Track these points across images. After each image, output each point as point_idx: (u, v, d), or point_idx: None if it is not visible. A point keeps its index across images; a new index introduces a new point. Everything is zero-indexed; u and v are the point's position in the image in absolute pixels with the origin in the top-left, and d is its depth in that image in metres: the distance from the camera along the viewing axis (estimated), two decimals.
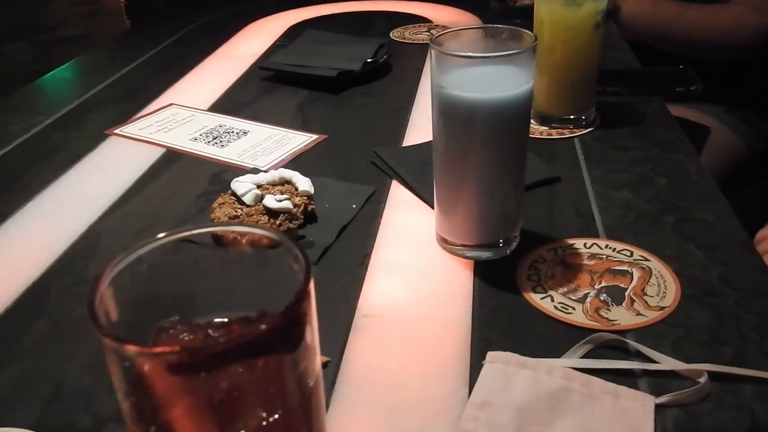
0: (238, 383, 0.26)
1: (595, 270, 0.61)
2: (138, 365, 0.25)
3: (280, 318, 0.25)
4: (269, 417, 0.27)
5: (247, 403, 0.27)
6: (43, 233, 0.72)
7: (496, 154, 0.58)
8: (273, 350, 0.26)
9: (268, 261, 0.32)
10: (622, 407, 0.47)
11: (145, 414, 0.27)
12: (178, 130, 0.97)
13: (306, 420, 0.29)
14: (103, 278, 0.28)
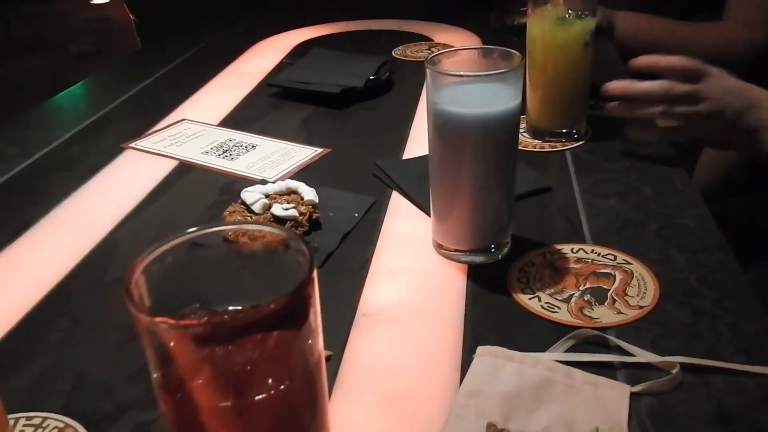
0: (251, 356, 0.31)
1: (580, 273, 0.66)
2: (167, 339, 0.30)
3: (288, 298, 0.30)
4: (278, 387, 0.32)
5: (259, 374, 0.31)
6: (65, 239, 0.77)
7: (487, 165, 0.63)
8: (282, 326, 0.30)
9: (276, 257, 0.37)
10: (601, 396, 0.51)
11: (172, 383, 0.31)
12: (191, 144, 1.02)
13: (309, 392, 0.34)
14: (137, 267, 0.32)
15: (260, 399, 0.31)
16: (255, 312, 0.28)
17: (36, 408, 0.53)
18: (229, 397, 0.31)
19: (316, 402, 0.35)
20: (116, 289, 0.66)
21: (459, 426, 0.49)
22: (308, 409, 0.34)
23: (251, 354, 0.31)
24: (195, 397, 0.31)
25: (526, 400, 0.51)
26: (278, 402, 0.32)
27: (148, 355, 0.31)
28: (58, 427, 0.50)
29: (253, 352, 0.31)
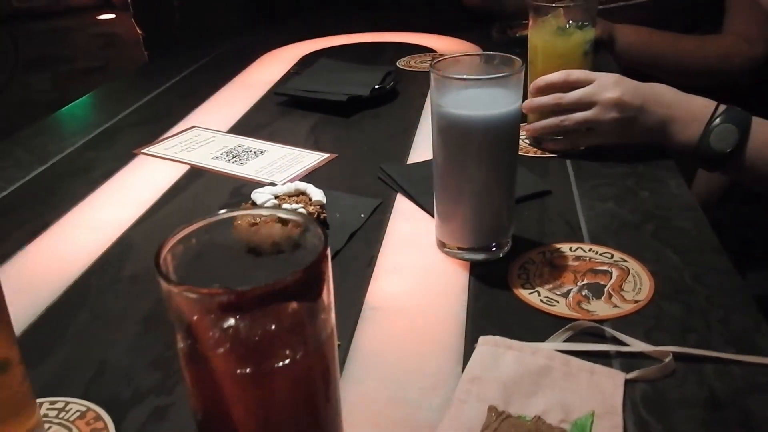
0: (270, 326, 0.33)
1: (578, 270, 0.68)
2: (194, 309, 0.32)
3: (305, 272, 0.32)
4: (294, 356, 0.34)
5: (277, 344, 0.34)
6: (82, 239, 0.80)
7: (488, 165, 0.66)
8: (299, 298, 0.33)
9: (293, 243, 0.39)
10: (597, 382, 0.54)
11: (196, 353, 0.34)
12: (201, 149, 1.05)
13: (322, 363, 0.36)
14: (166, 245, 0.35)
15: (277, 367, 0.34)
16: (275, 283, 0.31)
17: (58, 394, 0.55)
18: (248, 365, 0.34)
19: (328, 374, 0.37)
20: (133, 284, 0.70)
21: (462, 410, 0.51)
22: (321, 380, 0.37)
23: (270, 324, 0.33)
24: (217, 365, 0.34)
25: (525, 385, 0.53)
26: (294, 371, 0.35)
27: (175, 326, 0.34)
28: (80, 411, 0.53)
29: (272, 322, 0.33)
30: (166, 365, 0.58)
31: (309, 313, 0.35)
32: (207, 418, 0.37)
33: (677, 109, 0.87)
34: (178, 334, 0.34)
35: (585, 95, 0.88)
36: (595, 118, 0.88)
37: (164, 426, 0.52)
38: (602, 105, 0.87)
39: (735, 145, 0.83)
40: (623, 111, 0.87)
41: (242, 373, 0.34)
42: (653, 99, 0.87)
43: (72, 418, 0.52)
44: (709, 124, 0.85)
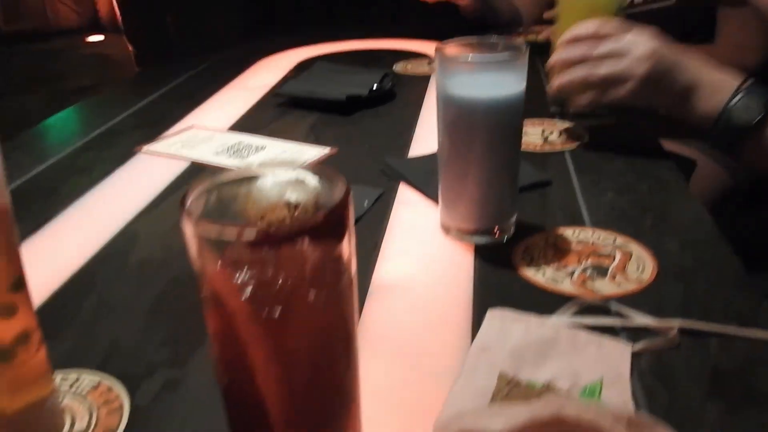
0: (293, 270, 0.34)
1: (582, 252, 0.69)
2: (221, 247, 0.33)
3: (330, 212, 0.33)
4: (316, 301, 0.35)
5: (301, 284, 0.35)
6: (86, 230, 0.80)
7: (492, 147, 0.67)
8: (324, 237, 0.34)
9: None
10: (604, 353, 0.54)
11: (221, 297, 0.35)
12: (202, 147, 1.05)
13: (342, 309, 0.37)
14: (190, 194, 0.36)
15: (300, 311, 0.35)
16: (302, 221, 0.32)
17: (71, 368, 0.55)
18: (272, 308, 0.34)
19: (348, 322, 0.38)
20: (140, 270, 0.70)
21: (472, 377, 0.52)
22: (341, 328, 0.38)
23: (294, 266, 0.34)
24: (240, 308, 0.34)
25: (533, 354, 0.54)
26: (316, 316, 0.35)
27: (200, 269, 0.35)
28: (93, 383, 0.53)
29: (296, 264, 0.34)
30: (177, 342, 0.59)
31: (332, 258, 0.35)
32: (229, 367, 0.38)
33: (706, 75, 0.84)
34: (202, 278, 0.35)
35: (618, 46, 0.83)
36: (628, 69, 0.83)
37: (177, 396, 0.52)
38: (636, 57, 0.83)
39: (758, 119, 0.79)
40: (658, 64, 0.83)
41: (265, 317, 0.34)
42: (686, 59, 0.84)
43: (85, 390, 0.52)
44: (734, 95, 0.81)
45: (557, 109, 1.11)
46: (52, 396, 0.48)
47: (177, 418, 0.50)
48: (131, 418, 0.50)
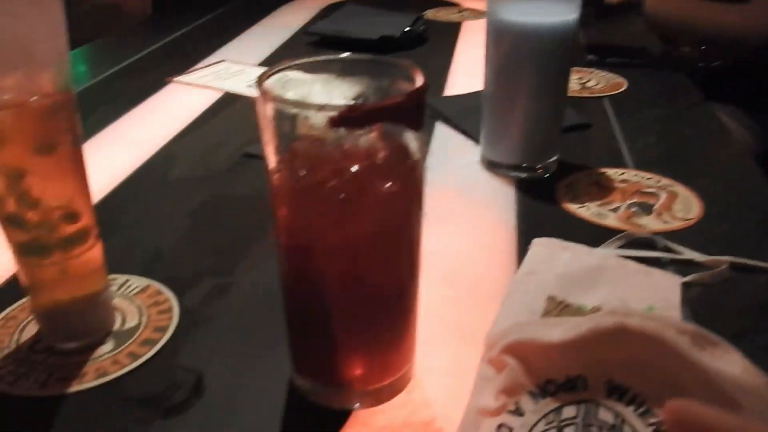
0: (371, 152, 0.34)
1: (626, 190, 0.69)
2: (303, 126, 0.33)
3: (411, 94, 0.33)
4: (391, 185, 0.35)
5: (375, 171, 0.34)
6: (121, 152, 0.79)
7: (541, 76, 0.66)
8: (404, 119, 0.33)
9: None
10: (652, 282, 0.54)
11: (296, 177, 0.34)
12: (234, 79, 1.04)
13: (412, 200, 0.37)
14: (265, 76, 0.35)
15: (372, 197, 0.34)
16: (384, 101, 0.31)
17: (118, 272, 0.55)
18: (345, 192, 0.34)
19: (414, 221, 0.38)
20: (180, 186, 0.70)
21: (520, 298, 0.51)
22: (409, 225, 0.37)
23: (372, 148, 0.33)
24: (313, 191, 0.34)
25: (582, 280, 0.53)
26: (387, 204, 0.35)
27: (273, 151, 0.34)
28: (140, 287, 0.53)
29: (373, 146, 0.33)
30: (222, 251, 0.59)
31: (405, 149, 0.35)
32: (294, 259, 0.38)
33: None
34: (276, 159, 0.34)
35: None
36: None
37: (225, 300, 0.52)
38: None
39: None
40: None
41: (336, 204, 0.34)
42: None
43: (133, 293, 0.52)
44: None
45: (594, 57, 1.09)
46: (105, 292, 0.48)
47: (225, 320, 0.50)
48: (181, 318, 0.50)
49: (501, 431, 0.39)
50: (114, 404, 0.42)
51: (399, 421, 0.41)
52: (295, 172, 0.34)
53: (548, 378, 0.41)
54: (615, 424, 0.39)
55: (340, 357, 0.40)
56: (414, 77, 0.36)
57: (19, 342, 0.48)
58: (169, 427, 0.41)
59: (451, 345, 0.48)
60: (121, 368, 0.45)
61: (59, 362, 0.46)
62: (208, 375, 0.44)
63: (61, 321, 0.46)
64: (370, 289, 0.37)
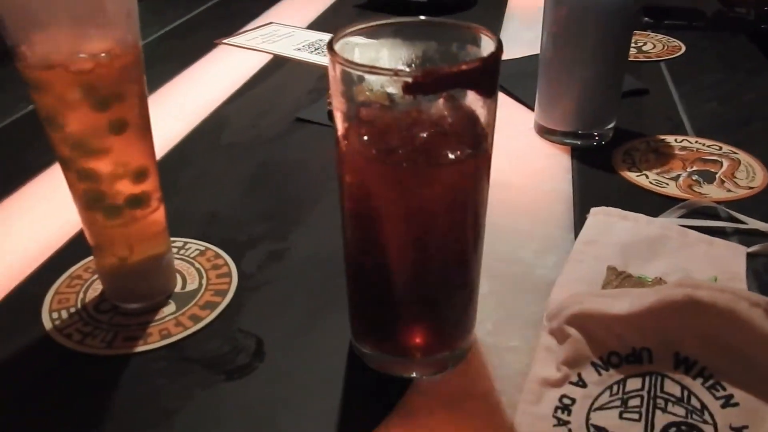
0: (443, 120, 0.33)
1: (686, 158, 0.67)
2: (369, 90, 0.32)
3: (486, 59, 0.32)
4: (460, 154, 0.34)
5: (445, 139, 0.34)
6: (173, 114, 0.80)
7: (602, 39, 0.64)
8: (477, 86, 0.32)
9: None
10: (716, 253, 0.53)
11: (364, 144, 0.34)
12: (282, 42, 1.04)
13: (478, 170, 0.36)
14: (335, 38, 0.34)
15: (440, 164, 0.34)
16: (458, 66, 0.30)
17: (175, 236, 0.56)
18: (416, 159, 0.34)
19: (480, 192, 0.37)
20: (232, 150, 0.70)
21: (579, 268, 0.51)
22: (474, 195, 0.37)
23: (443, 113, 0.33)
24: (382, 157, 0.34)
25: (642, 250, 0.52)
26: (454, 172, 0.34)
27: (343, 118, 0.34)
28: (199, 249, 0.54)
29: (445, 111, 0.33)
30: (276, 216, 0.59)
31: (482, 109, 0.34)
32: (359, 225, 0.37)
33: None
34: (345, 125, 0.34)
35: None
36: None
37: (282, 265, 0.52)
38: None
39: None
40: None
41: (404, 169, 0.33)
42: None
43: (192, 255, 0.53)
44: None
45: (650, 20, 1.06)
46: (167, 254, 0.48)
47: (283, 285, 0.50)
48: (240, 282, 0.50)
49: (563, 402, 0.39)
50: (178, 366, 0.43)
51: (459, 391, 0.41)
52: (363, 140, 0.34)
53: (612, 350, 0.40)
54: (682, 396, 0.38)
55: (401, 326, 0.40)
56: (483, 41, 0.35)
57: (84, 301, 0.49)
58: (232, 389, 0.41)
59: (511, 314, 0.47)
60: (184, 330, 0.45)
61: (124, 322, 0.47)
62: (267, 339, 0.45)
63: (125, 282, 0.47)
64: (434, 259, 0.37)
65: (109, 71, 0.39)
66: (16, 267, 0.53)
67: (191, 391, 0.41)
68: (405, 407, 0.40)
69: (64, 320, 0.47)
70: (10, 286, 0.51)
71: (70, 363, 0.44)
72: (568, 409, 0.38)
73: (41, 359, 0.44)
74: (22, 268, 0.53)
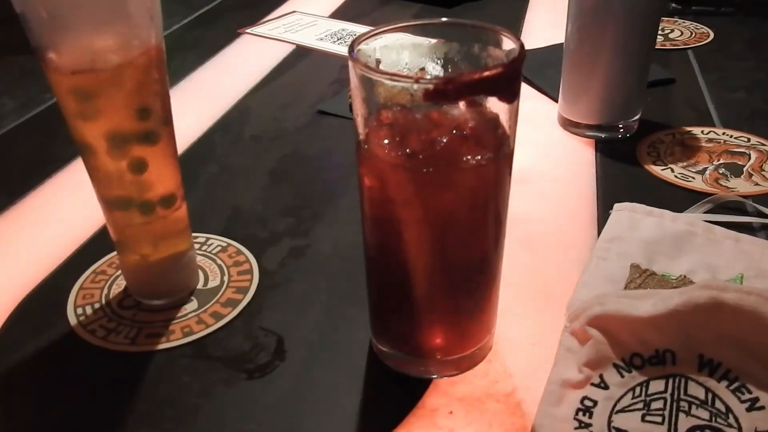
0: (467, 120, 0.33)
1: (713, 151, 0.66)
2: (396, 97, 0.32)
3: (506, 66, 0.31)
4: (480, 158, 0.34)
5: (466, 143, 0.33)
6: (198, 105, 0.80)
7: (629, 28, 0.63)
8: (499, 91, 0.32)
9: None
10: (743, 249, 0.52)
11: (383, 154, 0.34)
12: (305, 31, 1.04)
13: (499, 174, 0.36)
14: (355, 42, 0.34)
15: (460, 168, 0.33)
16: (482, 70, 0.30)
17: (197, 232, 0.56)
18: (436, 163, 0.33)
19: (500, 194, 0.37)
20: (255, 143, 0.70)
21: (602, 266, 0.50)
22: (494, 198, 0.36)
23: (464, 117, 0.33)
24: (402, 161, 0.33)
25: (667, 247, 0.52)
26: (474, 176, 0.34)
27: (363, 120, 0.33)
28: (221, 246, 0.54)
29: (466, 115, 0.32)
30: (298, 213, 0.59)
31: (504, 113, 0.34)
32: (379, 227, 0.37)
33: None
34: (366, 129, 0.34)
35: None
36: None
37: (303, 262, 0.53)
38: None
39: None
40: None
41: (424, 174, 0.33)
42: None
43: (214, 251, 0.53)
44: None
45: (677, 6, 1.04)
46: (190, 251, 0.49)
47: (304, 282, 0.50)
48: (261, 279, 0.50)
49: (585, 404, 0.38)
50: (200, 363, 0.43)
51: (479, 391, 0.41)
52: (383, 144, 0.33)
53: (635, 351, 0.40)
54: (706, 399, 0.38)
55: (420, 326, 0.40)
56: (505, 43, 0.34)
57: (108, 297, 0.49)
58: (253, 388, 0.42)
59: (531, 314, 0.47)
60: (206, 328, 0.46)
61: (147, 319, 0.47)
62: (288, 338, 0.45)
63: (148, 279, 0.48)
64: (455, 261, 0.37)
65: (133, 72, 0.39)
66: (44, 260, 0.54)
67: (213, 389, 0.42)
68: (424, 407, 0.40)
69: (88, 316, 0.47)
70: (38, 279, 0.52)
71: (94, 359, 0.44)
72: (590, 411, 0.38)
73: (66, 355, 0.45)
74: (49, 260, 0.54)
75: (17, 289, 0.51)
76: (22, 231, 0.58)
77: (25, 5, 0.36)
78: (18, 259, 0.54)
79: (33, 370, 0.44)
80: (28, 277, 0.52)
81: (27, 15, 0.37)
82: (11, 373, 0.44)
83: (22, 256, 0.55)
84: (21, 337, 0.46)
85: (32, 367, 0.44)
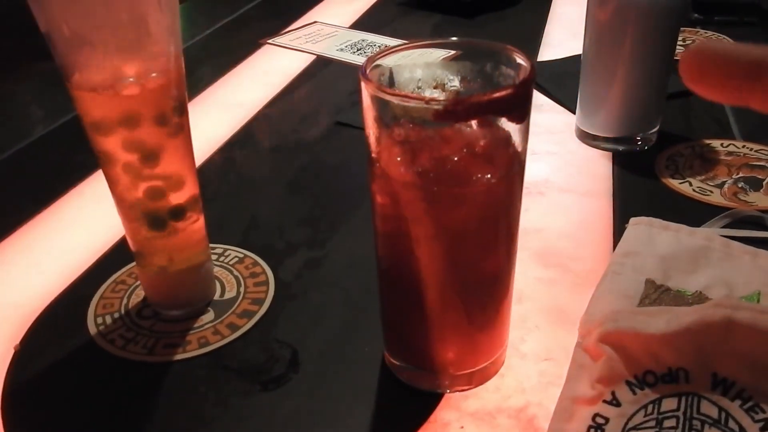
0: (477, 141, 0.33)
1: (732, 164, 0.65)
2: (405, 115, 0.32)
3: (516, 86, 0.32)
4: (491, 178, 0.34)
5: (477, 161, 0.34)
6: (219, 116, 0.81)
7: (649, 39, 0.63)
8: (508, 112, 0.32)
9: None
10: (761, 264, 0.51)
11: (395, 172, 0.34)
12: (325, 42, 1.04)
13: (510, 191, 0.36)
14: (368, 62, 0.35)
15: (471, 187, 0.34)
16: (492, 92, 0.30)
17: (215, 242, 0.57)
18: (447, 182, 0.34)
19: (512, 211, 0.37)
20: (275, 154, 0.71)
21: (617, 280, 0.50)
22: (506, 215, 0.36)
23: (475, 135, 0.33)
24: (413, 179, 0.34)
25: (683, 262, 0.51)
26: (485, 194, 0.34)
27: (375, 139, 0.34)
28: (238, 257, 0.55)
29: (477, 133, 0.33)
30: (315, 223, 0.59)
31: (514, 134, 0.34)
32: (391, 243, 0.38)
33: None
34: (378, 148, 0.34)
35: None
36: None
37: (319, 273, 0.53)
38: None
39: None
40: None
41: (435, 192, 0.34)
42: None
43: (231, 263, 0.54)
44: None
45: (699, 16, 1.03)
46: (207, 263, 0.49)
47: (319, 294, 0.51)
48: (277, 291, 0.51)
49: (596, 421, 0.38)
50: (215, 374, 0.44)
51: (491, 406, 0.41)
52: (395, 161, 0.34)
53: (648, 369, 0.40)
54: (719, 418, 0.37)
55: (432, 341, 0.40)
56: (516, 62, 0.34)
57: (127, 307, 0.50)
58: (268, 399, 0.42)
59: (544, 328, 0.47)
60: (222, 339, 0.46)
61: (164, 329, 0.48)
62: (302, 350, 0.46)
63: (165, 289, 0.49)
64: (466, 277, 0.37)
65: (152, 91, 0.40)
66: (67, 268, 0.55)
67: (229, 400, 0.42)
68: (436, 421, 0.40)
69: (108, 325, 0.48)
70: (61, 287, 0.53)
71: (113, 368, 0.45)
72: (602, 428, 0.38)
73: (85, 364, 0.46)
74: (72, 269, 0.55)
75: (41, 297, 0.52)
76: (46, 238, 0.59)
77: (49, 24, 0.37)
78: (41, 267, 0.56)
79: (53, 378, 0.45)
80: (51, 284, 0.53)
81: (51, 34, 0.38)
82: (32, 380, 0.45)
83: (46, 264, 0.56)
84: (42, 344, 0.47)
85: (52, 375, 0.45)
